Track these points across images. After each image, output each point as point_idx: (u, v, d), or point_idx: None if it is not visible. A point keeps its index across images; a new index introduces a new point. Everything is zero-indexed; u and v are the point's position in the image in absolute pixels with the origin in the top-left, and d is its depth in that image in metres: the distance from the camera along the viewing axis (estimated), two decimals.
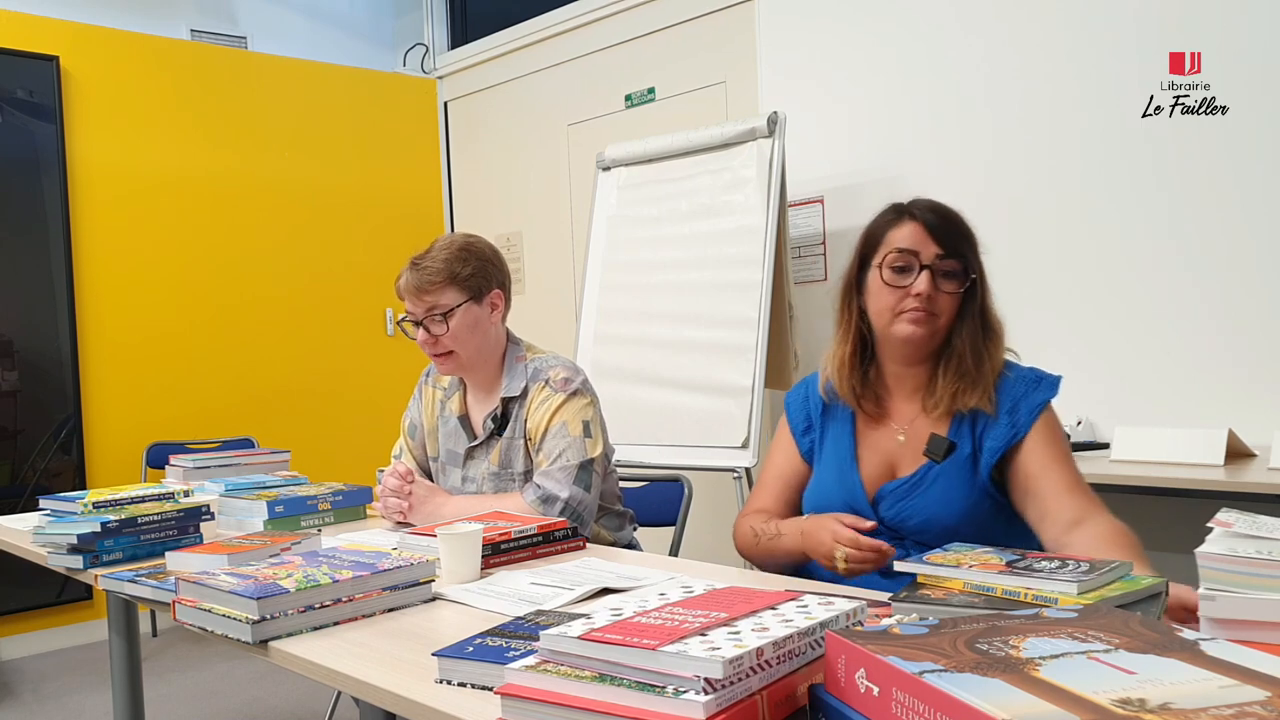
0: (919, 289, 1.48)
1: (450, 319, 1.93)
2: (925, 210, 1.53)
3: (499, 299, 2.00)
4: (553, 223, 4.51)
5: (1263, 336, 2.62)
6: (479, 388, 2.06)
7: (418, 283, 1.94)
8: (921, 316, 1.49)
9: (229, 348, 4.36)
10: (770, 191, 3.15)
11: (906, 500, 1.52)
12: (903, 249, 1.50)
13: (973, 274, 1.51)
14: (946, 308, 1.51)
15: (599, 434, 1.93)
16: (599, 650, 0.81)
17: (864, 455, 1.59)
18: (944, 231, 1.50)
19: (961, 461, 1.51)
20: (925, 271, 1.48)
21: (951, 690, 0.63)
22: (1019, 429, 1.49)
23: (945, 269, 1.50)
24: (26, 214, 3.90)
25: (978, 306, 1.53)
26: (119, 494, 1.95)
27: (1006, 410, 1.50)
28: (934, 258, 1.49)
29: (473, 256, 1.96)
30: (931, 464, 1.52)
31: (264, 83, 4.54)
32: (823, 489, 1.61)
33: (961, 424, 1.53)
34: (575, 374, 1.97)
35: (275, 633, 1.18)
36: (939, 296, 1.49)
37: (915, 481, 1.52)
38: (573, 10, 4.38)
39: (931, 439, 1.52)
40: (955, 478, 1.51)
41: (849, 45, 3.47)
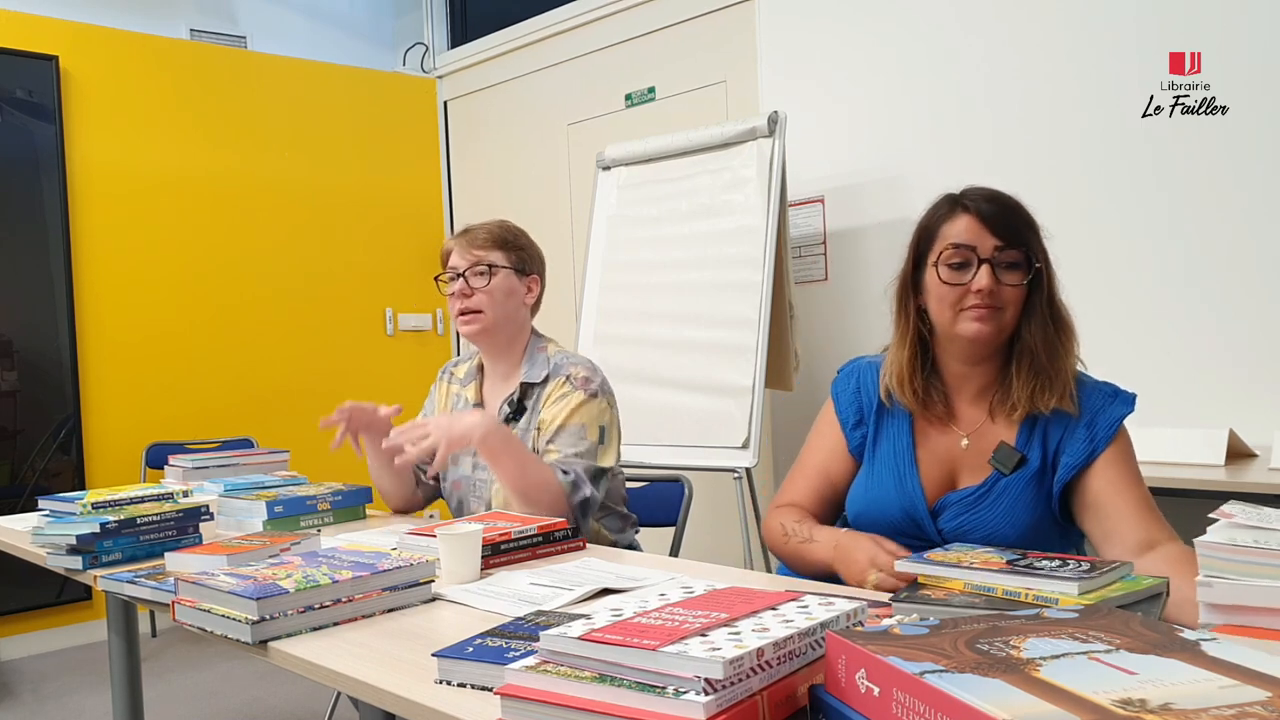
0: (980, 284, 1.39)
1: (493, 275, 1.96)
2: (980, 200, 1.43)
3: (535, 283, 2.04)
4: (553, 223, 4.51)
5: (1263, 336, 2.62)
6: (497, 374, 2.07)
7: (469, 239, 1.99)
8: (986, 313, 1.40)
9: (229, 348, 4.36)
10: (770, 191, 3.15)
11: (970, 513, 1.44)
12: (959, 244, 1.41)
13: (1036, 263, 1.42)
14: (1011, 301, 1.41)
15: (613, 441, 1.94)
16: (599, 651, 0.81)
17: (922, 460, 1.49)
18: (1002, 221, 1.41)
19: (1030, 476, 1.43)
20: (985, 265, 1.39)
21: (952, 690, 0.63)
22: (1097, 444, 1.41)
23: (1006, 261, 1.41)
24: (26, 214, 3.90)
25: (1045, 297, 1.43)
26: (118, 494, 1.95)
27: (1085, 424, 1.42)
28: (993, 250, 1.40)
29: (524, 238, 2.06)
30: (998, 475, 1.44)
31: (264, 82, 4.54)
32: (878, 494, 1.51)
33: (1032, 434, 1.44)
34: (595, 374, 1.98)
35: (275, 633, 1.17)
36: (1002, 290, 1.40)
37: (981, 494, 1.44)
38: (573, 10, 4.38)
39: (1000, 449, 1.44)
40: (1023, 492, 1.42)
41: (849, 45, 3.47)
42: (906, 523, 1.47)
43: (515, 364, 2.03)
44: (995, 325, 1.41)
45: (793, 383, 3.24)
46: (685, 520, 2.30)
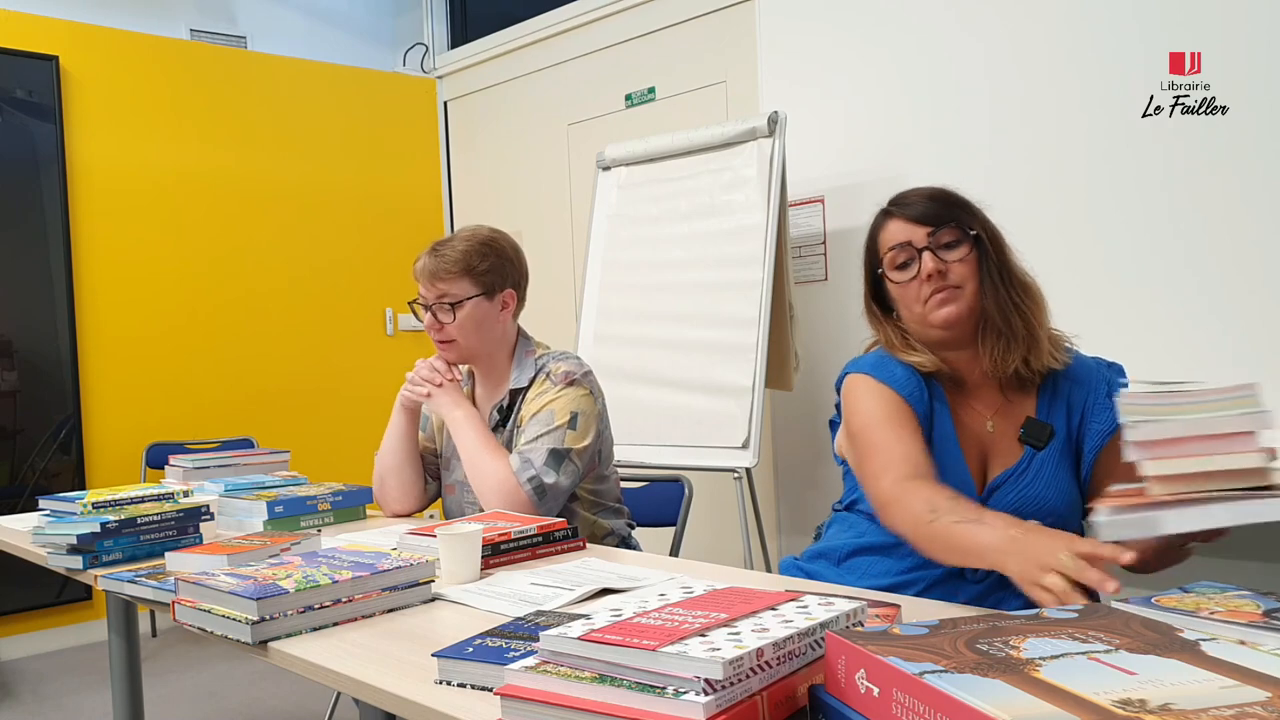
0: (927, 271, 1.44)
1: (458, 310, 1.94)
2: (902, 203, 1.51)
3: (511, 298, 2.00)
4: (553, 222, 4.51)
5: (1263, 336, 2.62)
6: (487, 381, 2.06)
7: (433, 269, 1.95)
8: (946, 295, 1.45)
9: (229, 348, 4.36)
10: (770, 191, 3.15)
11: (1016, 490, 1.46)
12: (895, 245, 1.48)
13: (973, 231, 1.47)
14: (965, 276, 1.45)
15: (588, 428, 1.91)
16: (599, 651, 0.81)
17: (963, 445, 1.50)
18: (926, 210, 1.48)
19: (1061, 446, 1.47)
20: (925, 253, 1.45)
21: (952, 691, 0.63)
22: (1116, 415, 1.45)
23: (943, 242, 1.46)
24: (26, 214, 3.90)
25: (991, 264, 1.47)
26: (118, 494, 1.95)
27: (1106, 394, 1.46)
28: (926, 237, 1.46)
29: (492, 252, 1.97)
30: (1032, 451, 1.46)
31: (264, 82, 4.54)
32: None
33: (1054, 404, 1.48)
34: (578, 368, 1.97)
35: (275, 633, 1.17)
36: (950, 268, 1.45)
37: (1021, 470, 1.47)
38: (573, 10, 4.38)
39: (1028, 424, 1.47)
40: (1055, 463, 1.46)
41: (849, 45, 3.47)
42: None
43: (504, 371, 2.03)
44: (962, 304, 1.45)
45: (793, 383, 3.24)
46: (685, 520, 2.30)
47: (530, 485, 1.82)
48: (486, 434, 1.92)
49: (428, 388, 1.99)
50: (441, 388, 1.98)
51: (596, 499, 2.01)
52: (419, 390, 2.00)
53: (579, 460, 1.89)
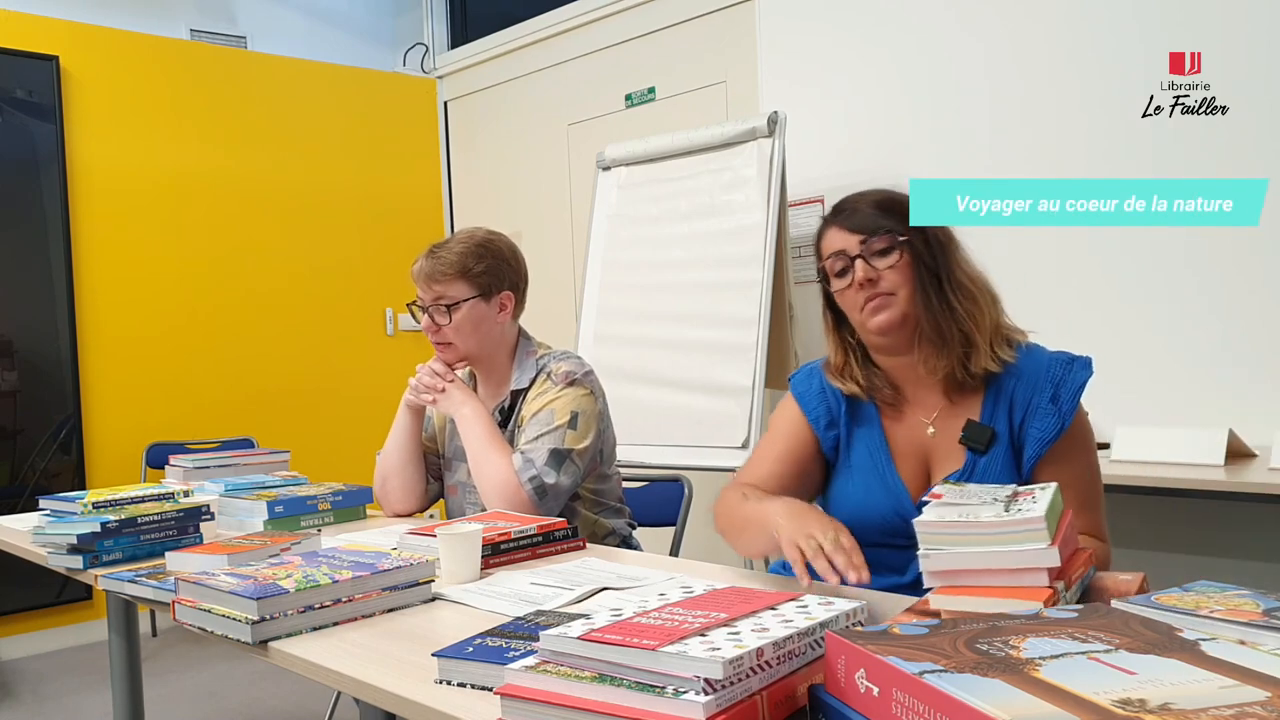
0: (859, 279, 1.46)
1: (454, 312, 1.94)
2: (840, 210, 1.53)
3: (508, 300, 2.00)
4: (553, 223, 4.51)
5: (1263, 336, 2.62)
6: (488, 382, 2.06)
7: (429, 270, 1.95)
8: (879, 302, 1.46)
9: (229, 348, 4.36)
10: (770, 191, 3.15)
11: None
12: (832, 254, 1.50)
13: (902, 236, 1.46)
14: (897, 282, 1.46)
15: (588, 427, 1.91)
16: (599, 651, 0.81)
17: (898, 455, 1.50)
18: (859, 219, 1.49)
19: (1003, 450, 1.44)
20: (858, 260, 1.46)
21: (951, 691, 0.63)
22: (1065, 418, 1.42)
23: (874, 249, 1.47)
24: (26, 214, 3.90)
25: (927, 269, 1.47)
26: (119, 494, 1.95)
27: (1050, 397, 1.43)
28: (859, 245, 1.47)
29: (488, 254, 1.97)
30: (974, 456, 1.45)
31: (264, 83, 4.54)
32: (863, 496, 1.50)
33: (996, 406, 1.46)
34: (579, 368, 1.97)
35: (275, 633, 1.17)
36: (883, 275, 1.46)
37: (963, 477, 1.45)
38: (573, 10, 4.38)
39: (969, 427, 1.45)
40: (998, 467, 1.44)
41: (849, 45, 3.47)
42: (896, 521, 1.44)
43: (505, 373, 2.03)
44: (895, 310, 1.46)
45: None
46: (685, 520, 2.30)
47: (531, 485, 1.82)
48: (493, 431, 1.92)
49: (433, 394, 1.99)
50: (447, 389, 1.98)
51: (598, 498, 2.01)
52: (425, 396, 2.00)
53: (580, 460, 1.89)
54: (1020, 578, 1.02)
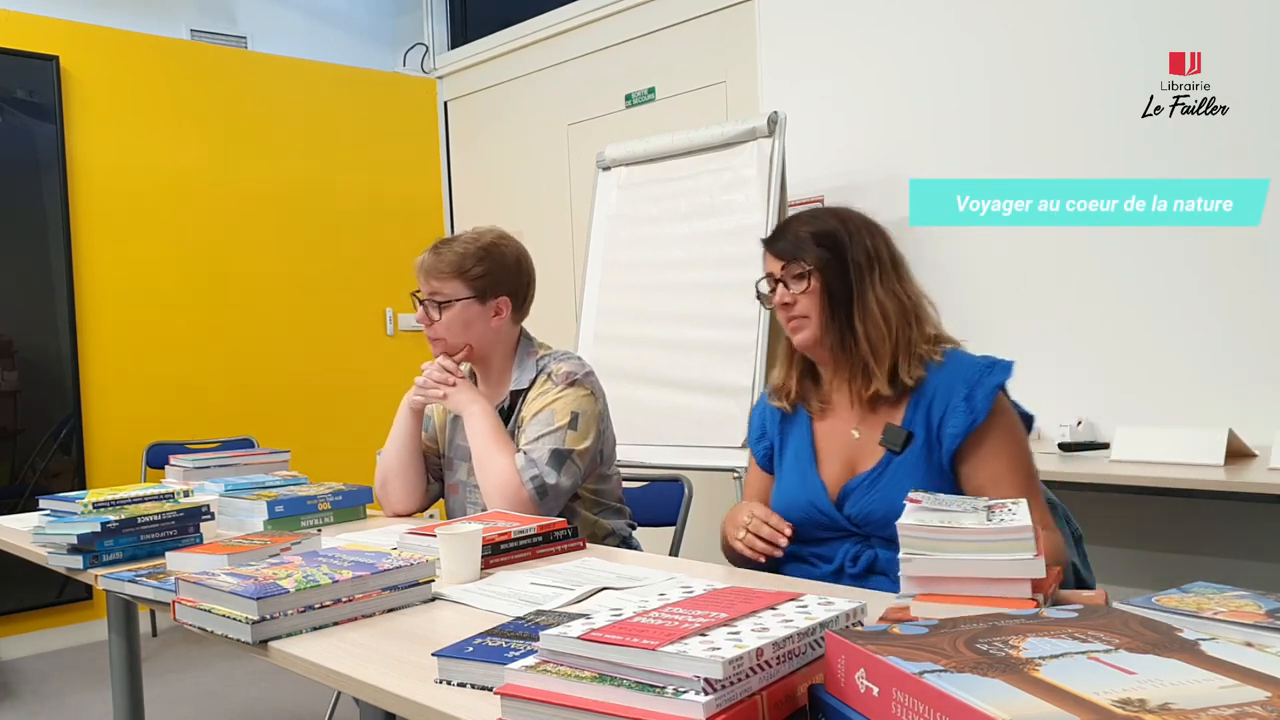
0: (777, 302, 1.61)
1: (445, 309, 1.96)
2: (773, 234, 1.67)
3: (504, 306, 1.99)
4: (553, 223, 4.51)
5: (1263, 336, 2.62)
6: (487, 382, 2.07)
7: (429, 266, 1.97)
8: (796, 324, 1.60)
9: (229, 348, 4.36)
10: (770, 191, 3.15)
11: (869, 494, 1.54)
12: (765, 274, 1.66)
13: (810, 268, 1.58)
14: (808, 307, 1.59)
15: (589, 428, 1.91)
16: (599, 650, 0.81)
17: (824, 456, 1.63)
18: (781, 245, 1.63)
19: (919, 451, 1.53)
20: (778, 284, 1.62)
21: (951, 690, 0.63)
22: (977, 414, 1.50)
23: (791, 274, 1.61)
24: (26, 214, 3.90)
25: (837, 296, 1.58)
26: (119, 494, 1.95)
27: (964, 396, 1.52)
28: (780, 270, 1.62)
29: (489, 258, 1.98)
30: (891, 456, 1.55)
31: (264, 83, 4.54)
32: (786, 492, 1.66)
33: (917, 411, 1.54)
34: (579, 368, 1.97)
35: (275, 633, 1.17)
36: (797, 300, 1.59)
37: (876, 475, 1.55)
38: (573, 10, 4.38)
39: (887, 429, 1.56)
40: (914, 467, 1.52)
41: (849, 45, 3.47)
42: (816, 514, 1.58)
43: (505, 373, 2.03)
44: (809, 332, 1.59)
45: None
46: (685, 520, 2.30)
47: (532, 485, 1.83)
48: (499, 430, 1.92)
49: (442, 389, 1.99)
50: (455, 386, 1.98)
51: (598, 499, 2.01)
52: (434, 392, 1.99)
53: (580, 461, 1.89)
54: (1003, 587, 1.01)
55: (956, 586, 1.03)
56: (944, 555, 1.04)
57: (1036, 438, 2.97)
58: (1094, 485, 2.44)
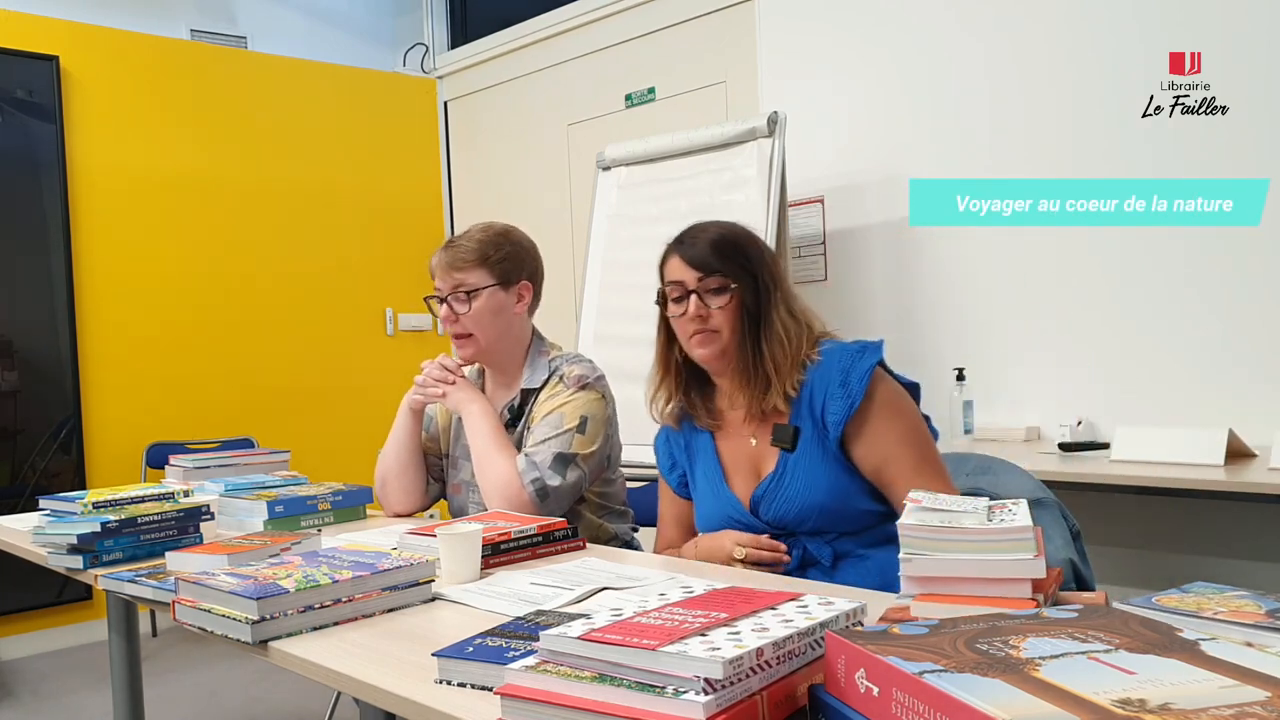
0: (691, 313, 1.59)
1: (474, 299, 1.94)
2: (685, 242, 1.64)
3: (526, 290, 2.00)
4: (553, 223, 4.51)
5: (1263, 336, 2.62)
6: (498, 380, 2.06)
7: (449, 259, 1.96)
8: (703, 337, 1.60)
9: (229, 348, 4.36)
10: (770, 191, 3.15)
11: (777, 496, 1.57)
12: (672, 281, 1.63)
13: (733, 285, 1.59)
14: (724, 322, 1.59)
15: (597, 432, 1.91)
16: (599, 650, 0.81)
17: (731, 470, 1.66)
18: (699, 257, 1.61)
19: (811, 443, 1.56)
20: (692, 296, 1.60)
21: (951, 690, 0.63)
22: (854, 398, 1.53)
23: (709, 288, 1.59)
24: (26, 214, 3.90)
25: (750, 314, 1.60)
26: (119, 494, 1.95)
27: (840, 382, 1.55)
28: (697, 282, 1.60)
29: (507, 243, 1.99)
30: (787, 455, 1.58)
31: (264, 83, 4.54)
32: (705, 513, 1.68)
33: (800, 407, 1.58)
34: (591, 372, 1.97)
35: (275, 633, 1.17)
36: (712, 314, 1.59)
37: (779, 476, 1.58)
38: (573, 10, 4.38)
39: (775, 430, 1.59)
40: (811, 459, 1.56)
41: (849, 45, 3.47)
42: (736, 526, 1.61)
43: (517, 371, 2.03)
44: (715, 345, 1.60)
45: None
46: None
47: (533, 487, 1.82)
48: (499, 430, 1.92)
49: (442, 387, 1.98)
50: (455, 385, 1.98)
51: (603, 502, 2.01)
52: (434, 391, 1.99)
53: (585, 465, 1.89)
54: (1003, 588, 1.01)
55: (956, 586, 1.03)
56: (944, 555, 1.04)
57: (1036, 437, 2.97)
58: (1094, 485, 2.44)
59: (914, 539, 1.07)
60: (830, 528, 1.55)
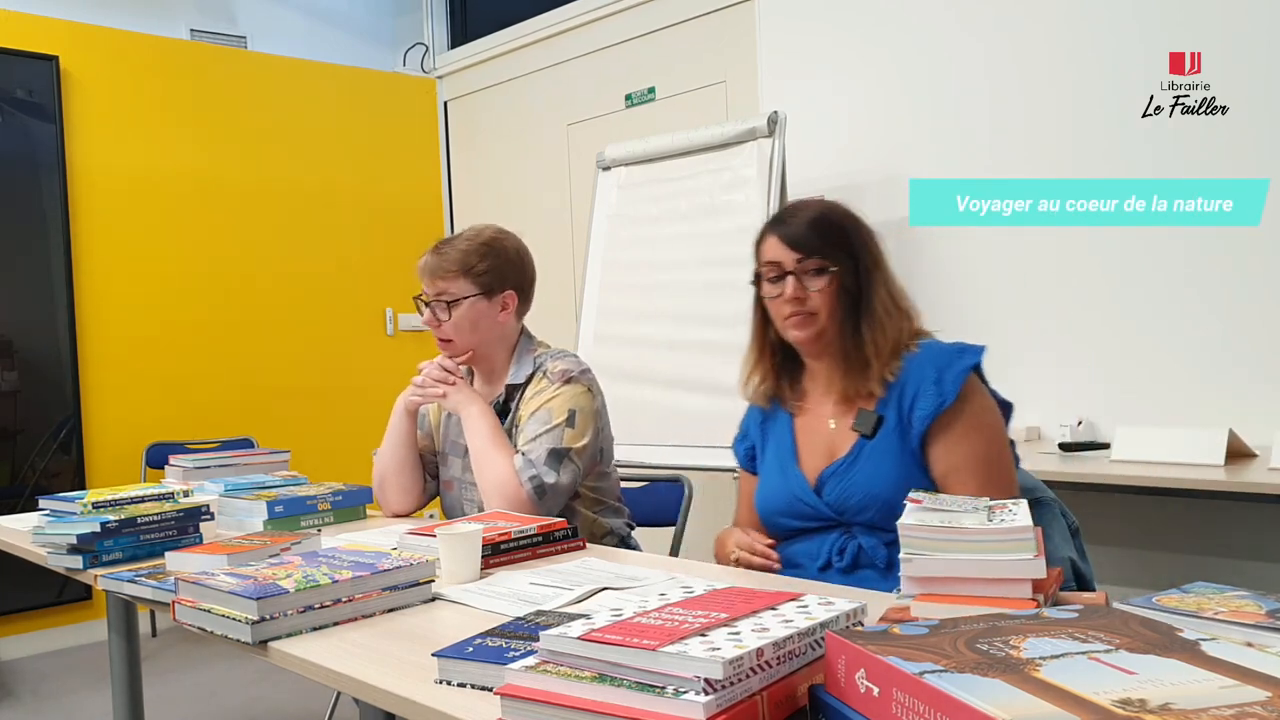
0: (789, 294, 1.57)
1: (454, 309, 1.95)
2: (783, 222, 1.62)
3: (510, 299, 2.00)
4: (553, 223, 4.51)
5: (1263, 336, 2.62)
6: (485, 378, 2.07)
7: (433, 267, 1.97)
8: (800, 319, 1.58)
9: (229, 348, 4.36)
10: (770, 191, 3.15)
11: (844, 479, 1.57)
12: (768, 261, 1.61)
13: (834, 268, 1.57)
14: (822, 304, 1.57)
15: (586, 425, 1.91)
16: (599, 651, 0.81)
17: (804, 449, 1.65)
18: (799, 237, 1.58)
19: (891, 433, 1.55)
20: (790, 277, 1.57)
21: (951, 690, 0.63)
22: (945, 396, 1.52)
23: (808, 269, 1.57)
24: (26, 214, 3.90)
25: (850, 297, 1.58)
26: (119, 494, 1.95)
27: (933, 380, 1.54)
28: (795, 263, 1.57)
29: (492, 254, 1.98)
30: (864, 440, 1.57)
31: (264, 83, 4.54)
32: (767, 486, 1.68)
33: (889, 396, 1.57)
34: (576, 366, 1.97)
35: (275, 633, 1.17)
36: (810, 296, 1.57)
37: (851, 460, 1.57)
38: (573, 10, 4.38)
39: (859, 415, 1.58)
40: (887, 450, 1.55)
41: (849, 45, 3.47)
42: (796, 504, 1.61)
43: (503, 370, 2.03)
44: (812, 328, 1.58)
45: None
46: (685, 520, 2.30)
47: (531, 485, 1.83)
48: (497, 431, 1.92)
49: (441, 388, 1.99)
50: (455, 385, 1.99)
51: (598, 496, 2.01)
52: (433, 391, 2.00)
53: (579, 459, 1.89)
54: (1003, 588, 1.01)
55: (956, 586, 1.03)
56: (944, 555, 1.04)
57: (1037, 438, 2.97)
58: (1094, 485, 2.44)
59: (914, 539, 1.06)
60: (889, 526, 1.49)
